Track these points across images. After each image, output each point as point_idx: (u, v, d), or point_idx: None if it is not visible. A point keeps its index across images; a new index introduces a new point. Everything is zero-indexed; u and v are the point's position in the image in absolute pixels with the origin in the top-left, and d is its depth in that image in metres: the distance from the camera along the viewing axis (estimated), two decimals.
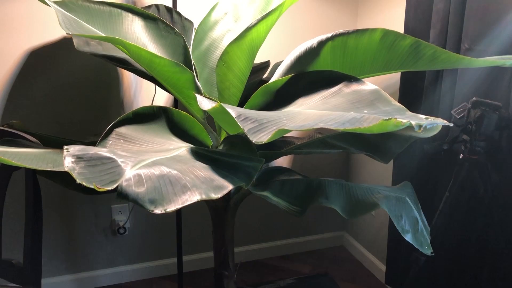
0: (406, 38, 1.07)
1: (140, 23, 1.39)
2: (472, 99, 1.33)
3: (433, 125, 0.79)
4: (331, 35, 1.15)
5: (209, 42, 1.44)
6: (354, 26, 2.07)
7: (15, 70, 1.63)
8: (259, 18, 1.22)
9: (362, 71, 1.21)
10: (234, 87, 1.34)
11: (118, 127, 1.06)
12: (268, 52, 1.81)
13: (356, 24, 2.07)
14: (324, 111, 0.97)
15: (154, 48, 1.38)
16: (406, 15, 1.63)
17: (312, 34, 2.02)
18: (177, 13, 1.53)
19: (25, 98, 1.66)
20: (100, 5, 1.37)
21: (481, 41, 1.38)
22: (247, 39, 1.25)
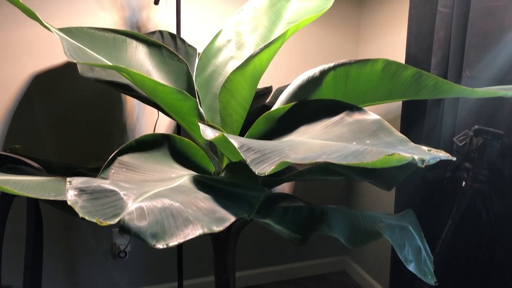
0: (408, 68, 1.08)
1: (144, 50, 1.40)
2: (474, 127, 1.33)
3: (435, 159, 0.79)
4: (333, 65, 1.16)
5: (212, 68, 1.45)
6: (355, 52, 2.09)
7: (19, 94, 1.64)
8: (262, 47, 1.24)
9: (364, 99, 1.21)
10: (236, 113, 1.35)
11: (121, 155, 1.06)
12: (270, 77, 1.82)
13: (357, 49, 2.09)
14: (326, 142, 0.97)
15: (158, 74, 1.39)
16: (407, 42, 1.64)
17: (314, 59, 2.05)
18: (181, 40, 1.55)
19: (28, 122, 1.67)
20: (104, 32, 1.39)
21: (483, 69, 1.39)
22: (249, 67, 1.26)
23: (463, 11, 1.42)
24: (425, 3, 1.56)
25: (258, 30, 1.47)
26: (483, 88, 1.16)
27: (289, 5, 1.46)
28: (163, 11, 1.69)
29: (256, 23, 1.48)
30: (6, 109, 1.64)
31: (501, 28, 1.35)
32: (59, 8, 1.64)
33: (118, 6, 1.72)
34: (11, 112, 1.64)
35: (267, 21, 1.47)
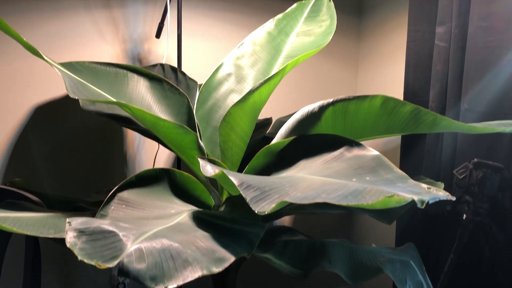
0: (406, 105, 1.09)
1: (146, 84, 1.42)
2: (474, 160, 1.33)
3: (435, 199, 0.79)
4: (332, 101, 1.17)
5: (213, 102, 1.47)
6: (354, 83, 2.12)
7: (20, 127, 1.65)
8: (262, 82, 1.25)
9: (363, 134, 1.22)
10: (236, 146, 1.36)
11: (121, 191, 1.06)
12: (270, 107, 1.83)
13: (356, 80, 2.11)
14: (326, 178, 0.98)
15: (159, 108, 1.40)
16: (405, 74, 1.66)
17: (313, 89, 2.07)
18: (182, 73, 1.57)
19: (29, 154, 1.67)
20: (106, 67, 1.41)
21: (480, 102, 1.40)
22: (249, 101, 1.28)
23: (460, 46, 1.44)
24: (423, 37, 1.58)
25: (258, 64, 1.50)
26: (482, 123, 1.17)
27: (288, 40, 1.49)
28: (164, 44, 1.72)
29: (256, 57, 1.51)
30: (7, 141, 1.64)
31: (498, 62, 1.37)
32: (61, 41, 1.67)
33: (120, 39, 1.75)
34: (12, 143, 1.65)
35: (267, 55, 1.50)
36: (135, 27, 1.76)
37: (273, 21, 1.54)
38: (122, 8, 1.73)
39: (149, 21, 1.77)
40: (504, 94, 1.36)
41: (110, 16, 1.72)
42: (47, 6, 1.64)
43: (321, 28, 1.43)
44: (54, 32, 1.66)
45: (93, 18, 1.70)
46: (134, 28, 1.76)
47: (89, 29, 1.70)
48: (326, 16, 1.45)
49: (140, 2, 1.74)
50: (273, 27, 1.53)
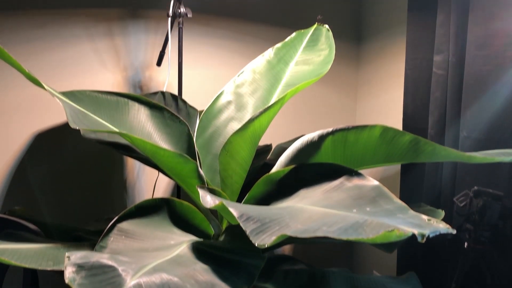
0: (405, 135, 1.10)
1: (146, 112, 1.43)
2: (474, 188, 1.33)
3: (435, 233, 0.79)
4: (331, 130, 1.18)
5: (213, 129, 1.48)
6: (353, 108, 2.13)
7: (20, 154, 1.66)
8: (261, 111, 1.26)
9: (363, 163, 1.22)
10: (236, 175, 1.36)
11: (120, 222, 1.05)
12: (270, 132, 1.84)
13: (355, 106, 2.13)
14: (327, 209, 0.97)
15: (159, 136, 1.41)
16: (404, 101, 1.68)
17: (312, 115, 2.08)
18: (182, 101, 1.58)
19: (29, 181, 1.67)
20: (107, 95, 1.43)
21: (479, 130, 1.41)
22: (249, 129, 1.29)
23: (457, 73, 1.46)
24: (421, 64, 1.60)
25: (258, 92, 1.51)
26: (481, 152, 1.18)
27: (288, 69, 1.51)
28: (165, 71, 1.74)
29: (255, 85, 1.52)
30: (7, 168, 1.65)
31: (495, 89, 1.38)
32: (64, 69, 1.69)
33: (121, 66, 1.77)
34: (12, 170, 1.65)
35: (266, 83, 1.51)
36: (136, 55, 1.78)
37: (273, 50, 1.56)
38: (124, 36, 1.75)
39: (150, 49, 1.79)
40: (502, 121, 1.37)
41: (112, 45, 1.74)
42: (50, 35, 1.67)
43: (320, 57, 1.45)
44: (56, 60, 1.68)
45: (95, 46, 1.72)
46: (136, 56, 1.78)
47: (91, 57, 1.72)
48: (324, 46, 1.47)
49: (142, 30, 1.77)
50: (273, 56, 1.55)
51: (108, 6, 1.73)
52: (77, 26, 1.70)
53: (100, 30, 1.72)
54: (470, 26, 1.42)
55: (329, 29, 1.52)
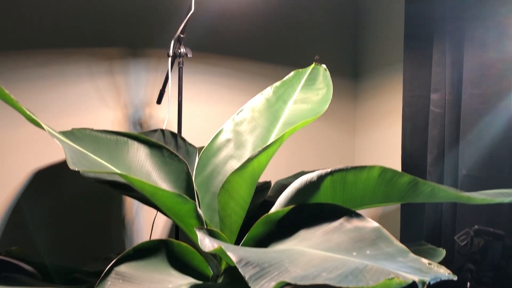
0: (403, 176, 1.10)
1: (146, 151, 1.44)
2: (474, 227, 1.32)
3: (436, 279, 0.78)
4: (330, 171, 1.18)
5: (212, 168, 1.48)
6: (352, 143, 2.14)
7: (17, 192, 1.65)
8: (260, 150, 1.27)
9: (363, 203, 1.22)
10: (235, 214, 1.35)
11: (118, 265, 1.04)
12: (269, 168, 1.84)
13: (354, 141, 2.14)
14: (327, 253, 0.97)
15: (158, 175, 1.41)
16: (402, 138, 1.69)
17: (311, 152, 2.08)
18: (182, 139, 1.59)
19: (25, 221, 1.66)
20: (107, 134, 1.43)
21: (478, 168, 1.42)
22: (248, 169, 1.29)
23: (455, 112, 1.48)
24: (418, 102, 1.62)
25: (257, 130, 1.52)
26: (480, 193, 1.17)
27: (286, 107, 1.52)
28: (165, 108, 1.75)
29: (254, 123, 1.53)
30: (5, 207, 1.63)
31: (492, 128, 1.39)
32: (64, 107, 1.70)
33: (122, 104, 1.78)
34: (10, 209, 1.64)
35: (265, 121, 1.53)
36: (137, 92, 1.80)
37: (271, 88, 1.58)
38: (125, 74, 1.78)
39: (151, 86, 1.81)
40: (501, 159, 1.38)
41: (112, 83, 1.77)
42: (52, 74, 1.69)
43: (318, 96, 1.47)
44: (58, 98, 1.69)
45: (95, 84, 1.75)
46: (136, 94, 1.80)
47: (92, 95, 1.74)
48: (322, 85, 1.50)
49: (143, 69, 1.80)
50: (271, 94, 1.57)
51: (110, 45, 1.77)
52: (79, 64, 1.72)
53: (102, 69, 1.75)
54: (466, 66, 1.45)
55: (326, 69, 1.54)
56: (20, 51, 1.66)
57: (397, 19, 1.82)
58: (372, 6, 2.09)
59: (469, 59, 1.44)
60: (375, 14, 2.07)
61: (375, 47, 2.04)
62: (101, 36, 1.75)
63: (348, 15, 2.21)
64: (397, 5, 1.82)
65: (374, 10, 2.08)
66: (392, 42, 1.88)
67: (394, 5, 1.88)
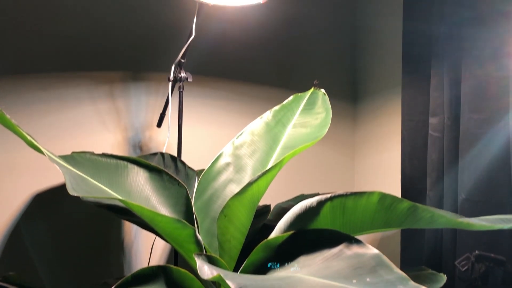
0: (403, 202, 1.10)
1: (145, 175, 1.44)
2: (475, 252, 1.32)
3: None
4: (330, 196, 1.18)
5: (211, 192, 1.47)
6: (352, 166, 2.14)
7: (18, 215, 1.64)
8: (260, 174, 1.27)
9: (362, 228, 1.22)
10: (235, 239, 1.35)
11: None
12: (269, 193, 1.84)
13: (354, 164, 2.14)
14: (326, 281, 0.96)
15: (157, 199, 1.41)
16: (402, 162, 1.69)
17: (311, 175, 2.08)
18: (181, 162, 1.59)
19: (24, 245, 1.65)
20: (107, 158, 1.44)
21: (478, 192, 1.41)
22: (248, 193, 1.29)
23: (453, 136, 1.48)
24: (417, 126, 1.63)
25: (256, 154, 1.52)
26: (480, 218, 1.17)
27: (286, 131, 1.53)
28: (165, 131, 1.76)
29: (254, 147, 1.54)
30: (3, 230, 1.63)
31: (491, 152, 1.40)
32: (64, 131, 1.71)
33: (122, 127, 1.79)
34: (9, 233, 1.63)
35: (265, 145, 1.53)
36: (137, 116, 1.81)
37: (271, 112, 1.59)
38: (125, 98, 1.79)
39: (151, 110, 1.83)
40: (500, 183, 1.38)
41: (113, 106, 1.78)
42: (53, 97, 1.71)
43: (317, 121, 1.48)
44: (58, 122, 1.70)
45: (96, 108, 1.76)
46: (136, 117, 1.81)
47: (93, 118, 1.75)
48: (321, 109, 1.51)
49: (143, 92, 1.81)
50: (271, 118, 1.58)
51: (111, 69, 1.78)
52: (79, 88, 1.74)
53: (102, 92, 1.77)
54: (464, 90, 1.46)
55: (325, 94, 1.56)
56: (21, 75, 1.67)
57: (395, 44, 1.84)
58: (370, 31, 2.12)
59: (467, 83, 1.46)
60: (373, 39, 2.10)
61: (373, 71, 2.06)
62: (102, 60, 1.77)
63: (347, 39, 2.24)
64: (395, 30, 1.85)
65: (372, 35, 2.11)
66: (390, 66, 1.90)
67: (391, 30, 1.91)
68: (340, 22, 2.23)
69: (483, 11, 1.44)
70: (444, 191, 1.49)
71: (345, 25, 2.23)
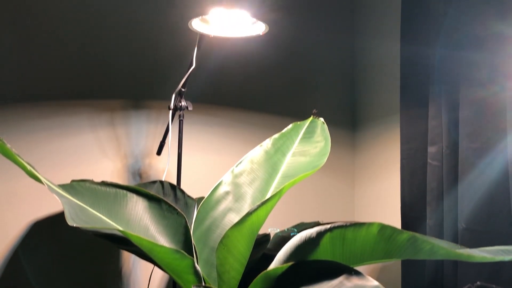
0: (403, 233, 1.09)
1: (144, 204, 1.43)
2: (476, 283, 1.30)
3: None
4: (329, 227, 1.17)
5: (210, 221, 1.47)
6: (352, 194, 2.14)
7: (15, 243, 1.63)
8: (259, 204, 1.27)
9: (363, 259, 1.21)
10: (234, 270, 1.33)
11: None
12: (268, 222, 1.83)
13: (353, 191, 2.14)
14: None
15: (156, 228, 1.40)
16: (401, 190, 1.69)
17: (311, 203, 2.08)
18: (181, 191, 1.59)
19: (22, 273, 1.64)
20: (106, 187, 1.44)
21: (478, 222, 1.41)
22: (247, 223, 1.28)
23: (452, 165, 1.49)
24: (416, 155, 1.63)
25: (256, 182, 1.52)
26: (480, 250, 1.16)
27: (285, 160, 1.53)
28: (165, 159, 1.76)
29: (254, 175, 1.54)
30: (2, 258, 1.61)
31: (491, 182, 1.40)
32: (65, 158, 1.71)
33: (122, 154, 1.80)
34: (6, 261, 1.62)
35: (264, 173, 1.53)
36: (137, 143, 1.82)
37: (270, 140, 1.60)
38: (126, 126, 1.81)
39: (151, 137, 1.83)
40: (500, 212, 1.37)
41: (113, 134, 1.79)
42: (54, 125, 1.72)
43: (316, 149, 1.49)
44: (58, 150, 1.71)
45: (97, 135, 1.77)
46: (136, 145, 1.82)
47: (93, 146, 1.76)
48: (320, 138, 1.51)
49: (143, 120, 1.83)
50: (270, 146, 1.59)
51: (112, 97, 1.80)
52: (80, 116, 1.75)
53: (103, 120, 1.78)
54: (461, 118, 1.47)
55: (324, 122, 1.57)
56: (22, 103, 1.69)
57: (393, 72, 1.87)
58: (369, 59, 2.15)
59: (465, 112, 1.47)
60: (371, 67, 2.13)
61: (372, 99, 2.08)
62: (104, 88, 1.79)
63: (345, 67, 2.27)
64: (393, 59, 1.88)
65: (370, 63, 2.14)
66: (388, 94, 1.92)
67: (390, 59, 1.93)
68: (339, 51, 2.26)
69: (479, 38, 1.45)
70: (444, 220, 1.49)
71: (344, 53, 2.26)
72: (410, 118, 1.67)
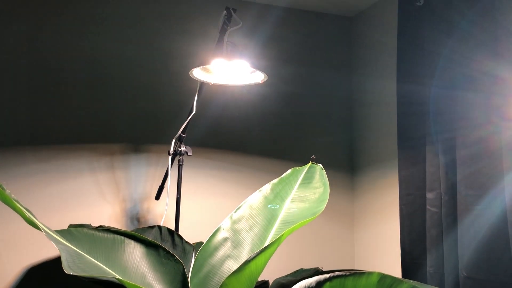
0: (403, 283, 1.08)
1: (142, 250, 1.42)
2: None
3: None
4: (329, 276, 1.16)
5: (208, 268, 1.45)
6: (351, 238, 2.12)
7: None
8: (258, 252, 1.25)
9: None
10: None
11: None
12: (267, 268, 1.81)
13: (353, 236, 2.12)
14: None
15: (154, 276, 1.38)
16: (401, 236, 1.68)
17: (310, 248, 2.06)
18: (179, 236, 1.58)
19: None
20: (104, 233, 1.43)
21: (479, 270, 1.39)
22: (245, 271, 1.26)
23: (451, 212, 1.48)
24: (414, 201, 1.63)
25: (255, 228, 1.52)
26: None
27: (284, 205, 1.53)
28: (163, 203, 1.76)
29: (252, 221, 1.53)
30: None
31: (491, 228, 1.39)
32: (64, 202, 1.72)
33: (121, 198, 1.80)
34: None
35: (263, 219, 1.53)
36: (136, 187, 1.82)
37: (269, 185, 1.60)
38: (125, 170, 1.82)
39: (150, 181, 1.84)
40: (500, 260, 1.36)
41: (112, 177, 1.79)
42: (54, 169, 1.73)
43: (315, 195, 1.49)
44: (58, 193, 1.71)
45: (96, 179, 1.77)
46: (135, 189, 1.82)
47: (91, 189, 1.76)
48: (319, 184, 1.52)
49: (143, 164, 1.84)
50: (269, 192, 1.59)
51: (112, 142, 1.82)
52: (80, 160, 1.77)
53: (102, 164, 1.79)
54: (458, 161, 1.46)
55: (322, 168, 1.57)
56: (22, 146, 1.70)
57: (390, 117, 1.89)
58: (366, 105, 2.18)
59: (462, 159, 1.47)
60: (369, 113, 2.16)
61: (370, 144, 2.10)
62: (104, 133, 1.81)
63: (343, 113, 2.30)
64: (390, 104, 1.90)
65: (368, 109, 2.17)
66: (386, 140, 1.94)
67: (387, 104, 1.96)
68: (337, 98, 2.30)
69: (474, 78, 1.44)
70: (444, 268, 1.47)
71: (342, 100, 2.30)
72: (408, 163, 1.68)
